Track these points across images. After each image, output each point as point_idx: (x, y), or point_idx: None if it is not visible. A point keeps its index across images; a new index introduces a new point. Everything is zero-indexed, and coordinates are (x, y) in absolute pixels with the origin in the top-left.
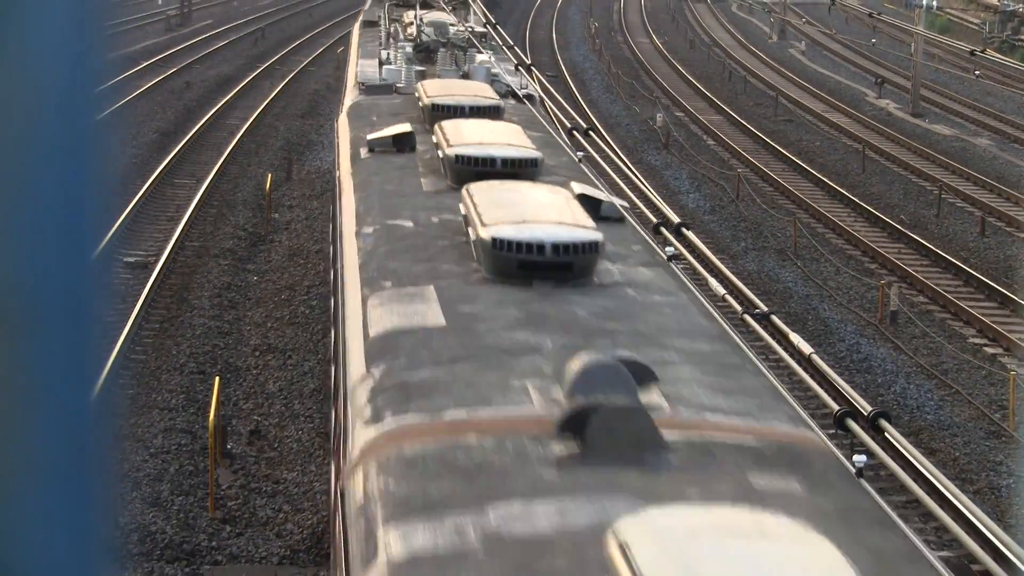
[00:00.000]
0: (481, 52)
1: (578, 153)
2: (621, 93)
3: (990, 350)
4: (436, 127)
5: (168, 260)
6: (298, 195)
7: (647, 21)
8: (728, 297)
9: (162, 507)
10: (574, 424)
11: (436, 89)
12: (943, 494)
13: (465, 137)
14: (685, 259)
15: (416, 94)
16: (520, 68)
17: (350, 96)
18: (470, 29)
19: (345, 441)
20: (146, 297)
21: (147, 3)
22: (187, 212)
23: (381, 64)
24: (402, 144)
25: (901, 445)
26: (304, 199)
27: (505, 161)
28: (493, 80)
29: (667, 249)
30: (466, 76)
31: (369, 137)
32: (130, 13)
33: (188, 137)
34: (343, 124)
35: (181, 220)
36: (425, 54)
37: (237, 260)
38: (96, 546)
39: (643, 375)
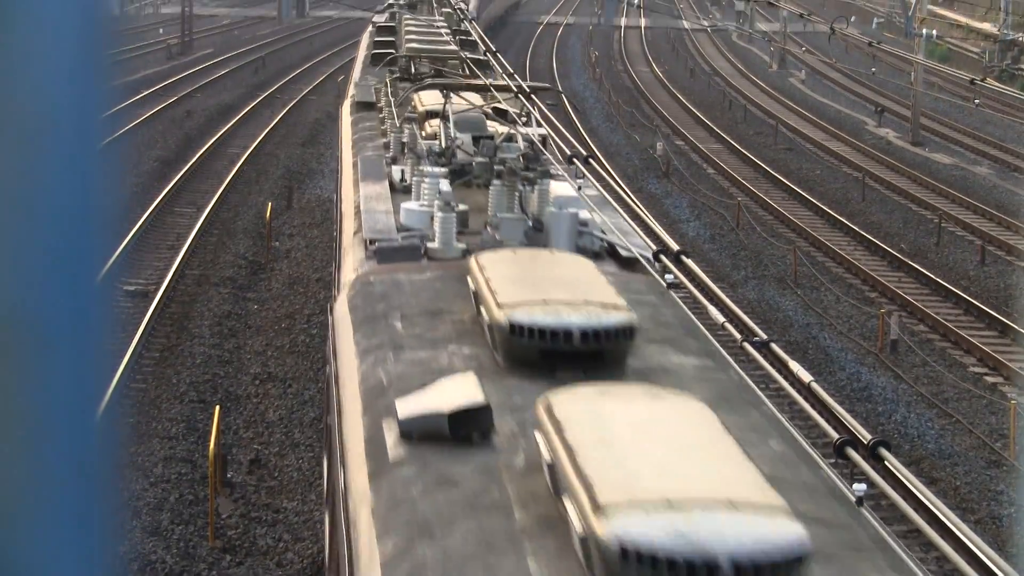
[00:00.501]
0: (559, 177)
1: (577, 180)
2: (621, 122)
3: (990, 379)
4: (543, 414)
5: (168, 288)
6: (298, 223)
7: (647, 50)
8: (728, 325)
9: (162, 536)
10: None
11: (508, 282)
12: (944, 523)
13: (627, 467)
14: (685, 287)
15: (471, 283)
16: (624, 215)
17: (351, 260)
18: (525, 128)
19: None
20: (146, 325)
21: (149, 31)
22: (187, 240)
23: (393, 189)
24: (465, 427)
25: (901, 474)
26: (304, 227)
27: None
28: (581, 231)
29: (667, 277)
30: (537, 227)
31: (401, 412)
32: (132, 41)
33: (189, 165)
34: (344, 333)
35: (181, 248)
36: (461, 175)
37: (237, 288)
38: (101, 570)
39: None
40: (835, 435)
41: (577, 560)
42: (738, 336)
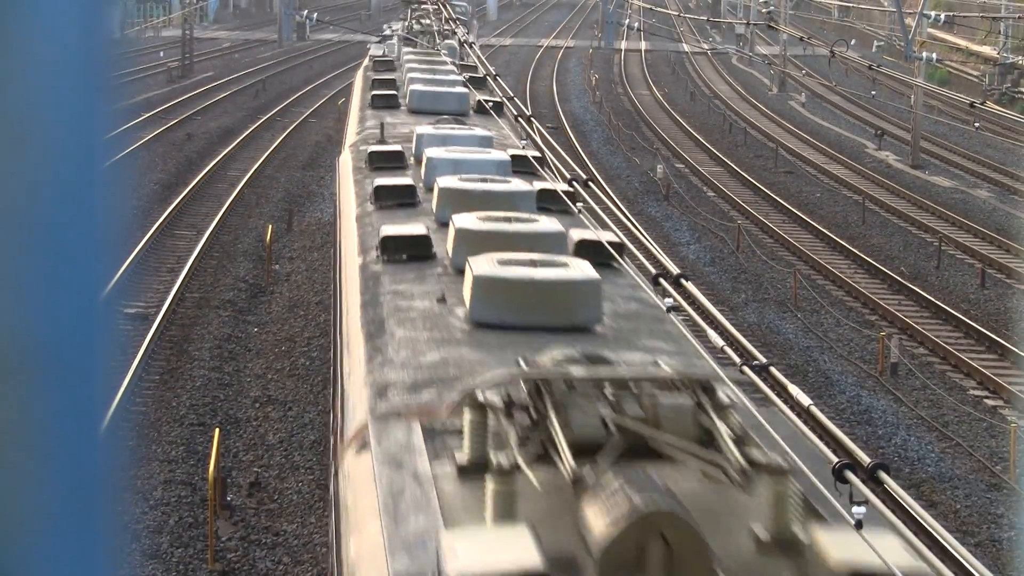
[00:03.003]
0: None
1: (577, 204)
2: (621, 145)
3: (991, 402)
4: None
5: (168, 311)
6: (299, 246)
7: (647, 73)
8: (727, 348)
9: (161, 559)
10: None
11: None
12: (944, 546)
13: None
14: (685, 310)
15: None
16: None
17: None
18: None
19: None
20: (146, 348)
21: (149, 55)
22: (188, 263)
23: None
24: None
25: (900, 497)
26: (304, 251)
27: None
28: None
29: (666, 300)
30: None
31: None
32: (133, 64)
33: (189, 188)
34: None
35: (182, 271)
36: None
37: (237, 311)
38: None
39: None
40: (834, 458)
41: None
42: (737, 360)
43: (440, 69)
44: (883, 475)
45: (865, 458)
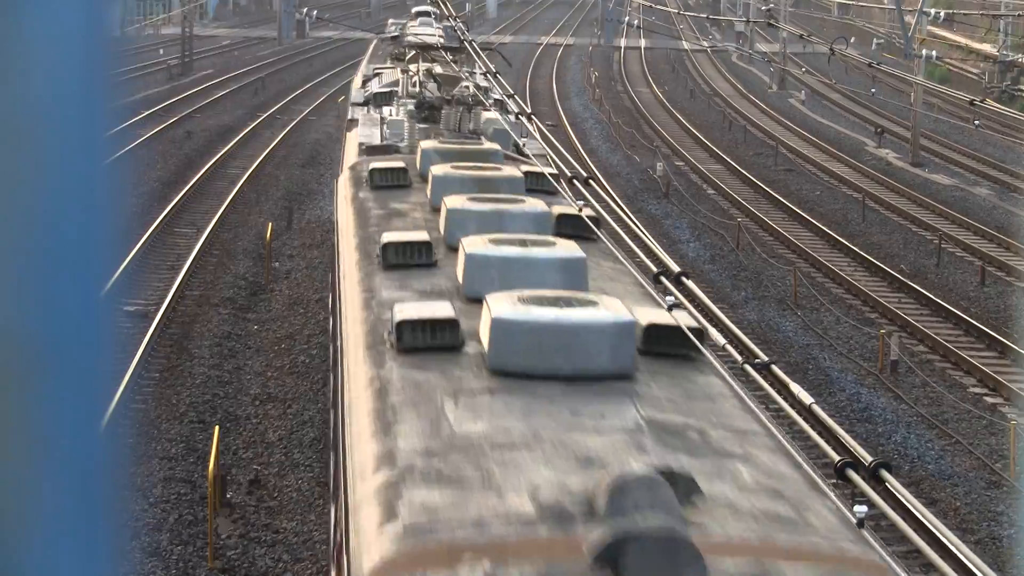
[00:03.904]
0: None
1: (578, 202)
2: (621, 142)
3: (991, 400)
4: None
5: (168, 309)
6: (298, 244)
7: (647, 71)
8: (728, 347)
9: (161, 557)
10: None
11: None
12: (944, 544)
13: None
14: (685, 308)
15: None
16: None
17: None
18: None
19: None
20: (146, 346)
21: (149, 52)
22: (187, 261)
23: None
24: None
25: (902, 495)
26: (304, 248)
27: None
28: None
29: (667, 299)
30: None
31: None
32: (132, 62)
33: (189, 186)
34: None
35: (181, 269)
36: None
37: (237, 309)
38: None
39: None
40: (836, 457)
41: None
42: (739, 358)
43: (515, 212)
44: (884, 473)
45: (867, 456)
